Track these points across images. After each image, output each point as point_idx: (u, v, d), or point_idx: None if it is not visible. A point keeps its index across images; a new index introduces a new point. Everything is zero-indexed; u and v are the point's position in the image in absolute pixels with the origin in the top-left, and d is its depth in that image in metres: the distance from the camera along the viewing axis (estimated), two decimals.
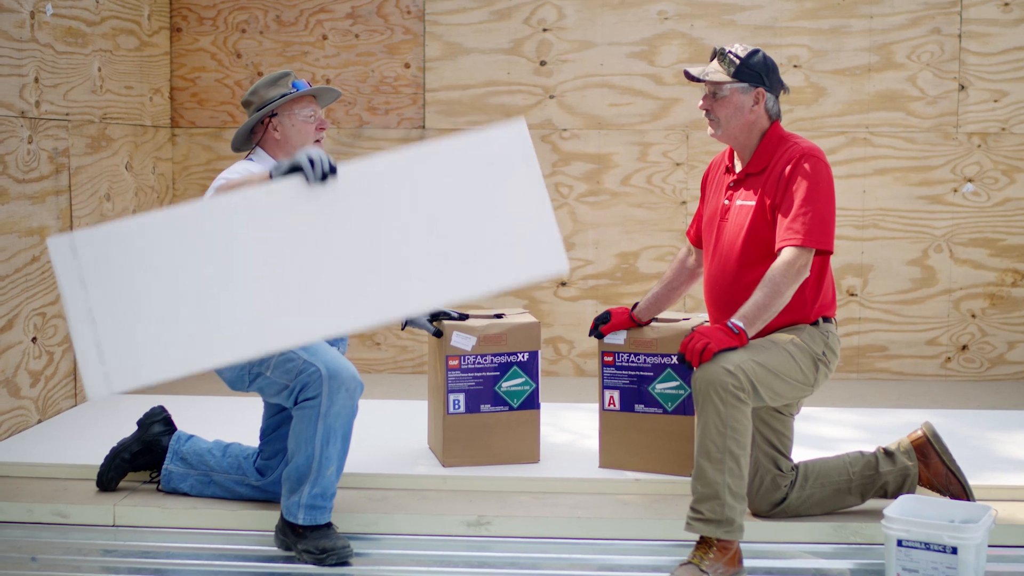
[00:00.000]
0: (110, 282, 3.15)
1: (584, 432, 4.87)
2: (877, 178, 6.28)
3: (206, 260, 3.20)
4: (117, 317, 3.13)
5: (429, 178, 3.33)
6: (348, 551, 3.69)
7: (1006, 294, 6.28)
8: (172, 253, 3.19)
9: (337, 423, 3.70)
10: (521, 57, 6.39)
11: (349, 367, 3.76)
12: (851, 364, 6.33)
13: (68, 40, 5.34)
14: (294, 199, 3.28)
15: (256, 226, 3.24)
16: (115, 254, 3.15)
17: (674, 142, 6.34)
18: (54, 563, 3.70)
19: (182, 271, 3.18)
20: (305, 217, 3.26)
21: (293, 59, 6.45)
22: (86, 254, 3.13)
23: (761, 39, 6.22)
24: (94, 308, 3.12)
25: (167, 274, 3.18)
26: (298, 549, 3.72)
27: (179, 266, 3.18)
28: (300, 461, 3.70)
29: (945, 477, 3.92)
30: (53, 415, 5.19)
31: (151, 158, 6.28)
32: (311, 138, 4.03)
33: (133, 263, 3.17)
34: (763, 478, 3.87)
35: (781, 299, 3.60)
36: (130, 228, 3.21)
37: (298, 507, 3.71)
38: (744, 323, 3.56)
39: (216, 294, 3.18)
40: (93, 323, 3.12)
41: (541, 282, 3.49)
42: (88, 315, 3.12)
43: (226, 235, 3.22)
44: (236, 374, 3.96)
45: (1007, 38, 6.19)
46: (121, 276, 3.16)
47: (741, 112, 3.78)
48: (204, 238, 3.22)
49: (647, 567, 3.65)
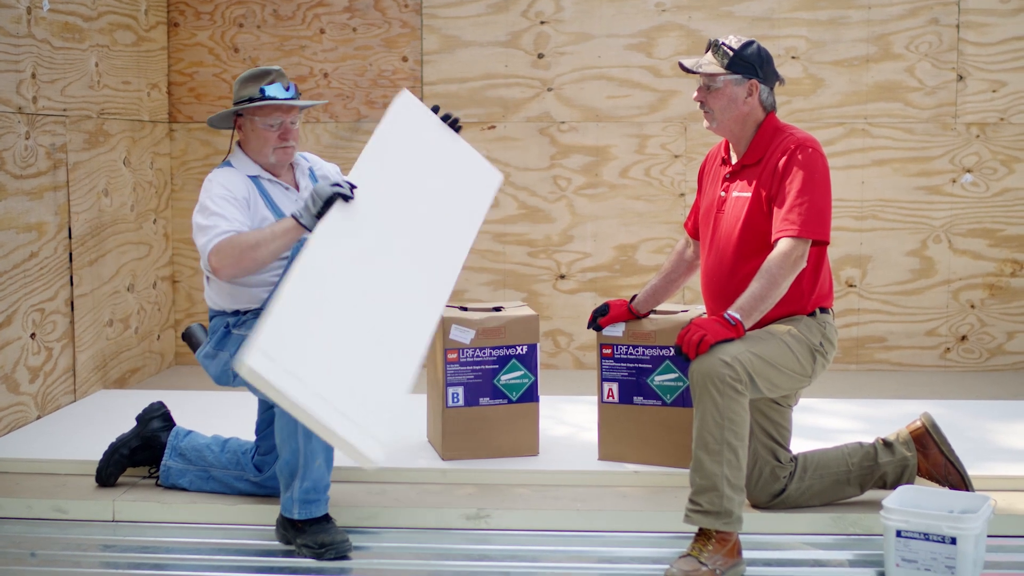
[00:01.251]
0: (314, 359, 3.28)
1: (583, 425, 4.87)
2: (876, 169, 6.27)
3: (350, 300, 3.45)
4: (339, 383, 3.28)
5: (399, 163, 3.78)
6: (347, 545, 3.70)
7: (1005, 284, 6.27)
8: (325, 307, 3.40)
9: None
10: (519, 50, 6.38)
11: None
12: (850, 355, 6.33)
13: (65, 35, 5.34)
14: (347, 221, 3.58)
15: (348, 259, 3.54)
16: (294, 335, 3.28)
17: (672, 134, 6.33)
18: (54, 559, 3.70)
19: (342, 316, 3.41)
20: (365, 232, 3.61)
21: (291, 53, 6.44)
22: (281, 353, 3.23)
23: (759, 30, 6.21)
24: (321, 390, 3.24)
25: (338, 325, 3.39)
26: (297, 543, 3.72)
27: (338, 313, 3.41)
28: (287, 457, 3.70)
29: (944, 467, 3.92)
30: (52, 411, 5.19)
31: (149, 153, 6.27)
32: (270, 145, 3.96)
33: (313, 333, 3.33)
34: (762, 469, 3.88)
35: (778, 290, 3.59)
36: (287, 308, 3.31)
37: (292, 502, 3.71)
38: (741, 314, 3.56)
39: (373, 320, 3.47)
40: (328, 402, 3.24)
41: (491, 203, 4.07)
42: (320, 399, 3.24)
43: (345, 277, 3.48)
44: (221, 370, 3.96)
45: (1005, 28, 6.18)
46: (316, 349, 3.31)
47: (735, 104, 3.78)
48: (336, 282, 3.45)
49: (646, 559, 3.65)
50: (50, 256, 5.18)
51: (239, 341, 3.93)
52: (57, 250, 5.24)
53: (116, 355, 5.85)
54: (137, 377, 6.10)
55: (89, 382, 5.55)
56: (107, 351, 5.75)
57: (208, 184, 3.94)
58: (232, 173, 3.97)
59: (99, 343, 5.65)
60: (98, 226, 5.64)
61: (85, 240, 5.51)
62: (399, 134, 3.86)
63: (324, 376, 3.27)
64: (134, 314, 6.07)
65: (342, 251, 3.54)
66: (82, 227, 5.48)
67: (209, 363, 4.00)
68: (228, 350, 3.91)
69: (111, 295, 5.79)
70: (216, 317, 4.02)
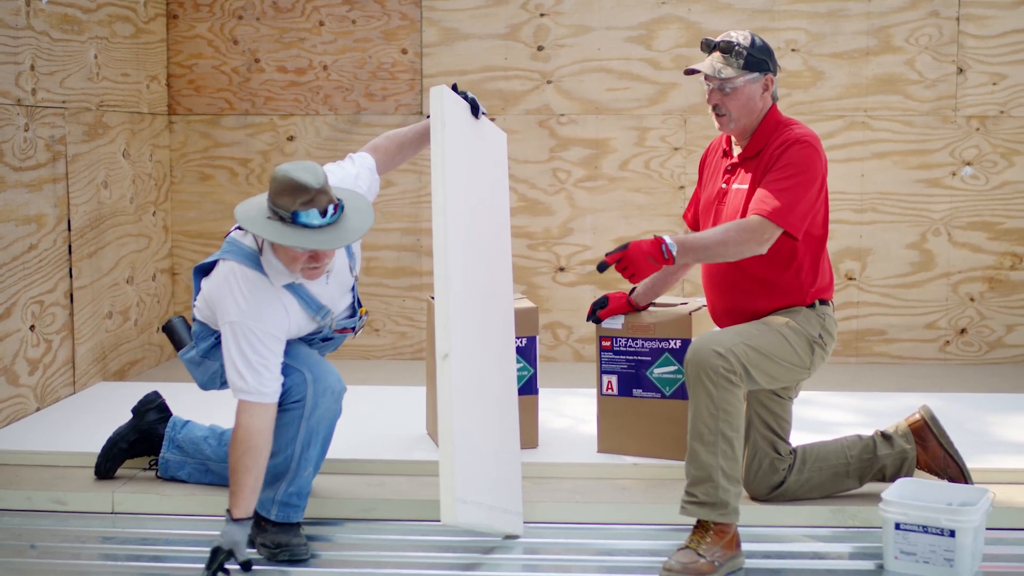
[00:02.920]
0: (482, 478, 3.51)
1: (582, 417, 4.87)
2: (875, 162, 6.27)
3: (479, 393, 3.65)
4: (494, 487, 3.60)
5: (468, 178, 3.80)
6: (304, 550, 3.61)
7: (1004, 277, 6.27)
8: (474, 422, 3.58)
9: (320, 426, 3.67)
10: (518, 42, 6.38)
11: (333, 370, 3.71)
12: (850, 348, 6.33)
13: (64, 27, 5.33)
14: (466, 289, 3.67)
15: (473, 344, 3.70)
16: (472, 468, 3.45)
17: (672, 127, 6.33)
18: (53, 550, 3.70)
19: (478, 414, 3.61)
20: (471, 293, 3.71)
21: (290, 45, 6.43)
22: (476, 494, 3.47)
23: (759, 23, 6.20)
24: (491, 501, 3.56)
25: (479, 427, 3.61)
26: (257, 542, 3.65)
27: (476, 413, 3.60)
28: (279, 460, 3.66)
29: (943, 460, 3.92)
30: (51, 403, 5.19)
31: (148, 145, 6.27)
32: (298, 264, 3.51)
33: (477, 453, 3.52)
34: (761, 462, 3.88)
35: (723, 250, 3.58)
36: (461, 446, 3.42)
37: (272, 503, 3.66)
38: (679, 248, 3.55)
39: (491, 401, 3.77)
40: (495, 508, 3.57)
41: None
42: (494, 510, 3.58)
43: (474, 370, 3.65)
44: (208, 378, 3.89)
45: (1006, 21, 6.17)
46: (481, 467, 3.54)
47: (753, 102, 3.75)
48: (470, 383, 3.59)
49: (645, 551, 3.65)
50: (49, 248, 5.18)
51: None
52: (56, 242, 5.24)
53: (115, 347, 5.85)
54: (136, 369, 6.10)
55: (88, 374, 5.55)
56: (106, 343, 5.75)
57: (247, 314, 3.51)
58: (266, 288, 3.58)
59: (98, 335, 5.65)
60: (97, 218, 5.63)
61: (84, 232, 5.50)
62: (459, 138, 3.73)
63: (490, 489, 3.55)
64: (133, 306, 6.07)
65: (467, 331, 3.58)
66: (81, 219, 5.47)
67: (195, 369, 3.91)
68: (217, 360, 3.84)
69: (110, 287, 5.79)
70: (205, 326, 3.86)
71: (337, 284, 3.81)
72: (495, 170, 4.09)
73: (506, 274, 4.05)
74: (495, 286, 3.92)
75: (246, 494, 3.46)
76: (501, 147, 4.20)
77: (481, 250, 3.81)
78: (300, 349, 3.73)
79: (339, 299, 3.85)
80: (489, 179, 4.02)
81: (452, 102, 3.74)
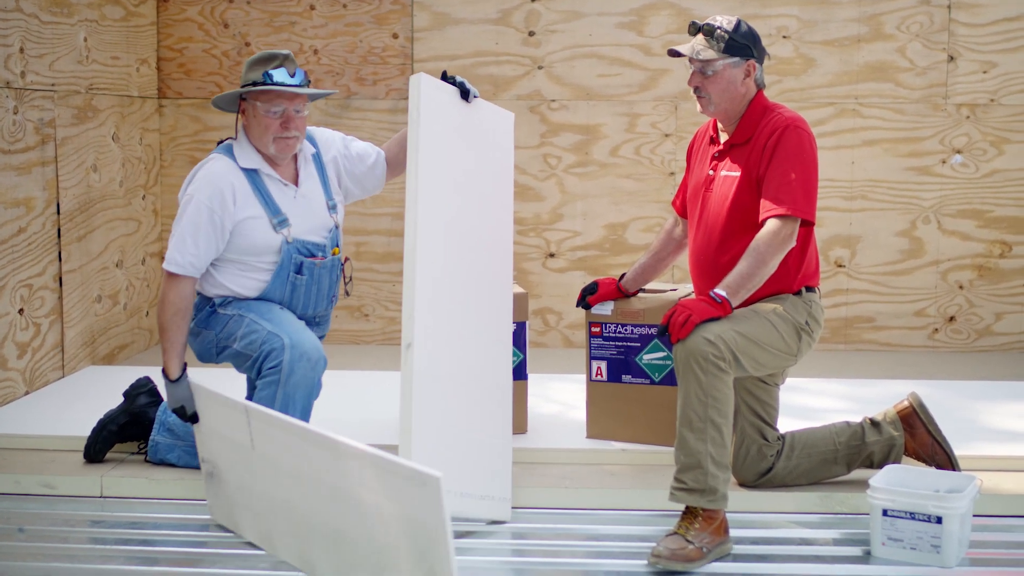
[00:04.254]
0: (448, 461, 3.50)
1: (572, 403, 4.87)
2: (866, 149, 6.27)
3: (455, 372, 3.68)
4: (464, 470, 3.62)
5: (450, 163, 3.82)
6: None
7: (993, 265, 6.29)
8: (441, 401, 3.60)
9: (297, 393, 3.70)
10: (509, 27, 6.36)
11: (313, 339, 3.77)
12: (838, 335, 6.35)
13: (53, 10, 5.31)
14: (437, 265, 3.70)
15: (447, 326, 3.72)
16: (436, 450, 3.51)
17: (663, 113, 6.32)
18: (42, 534, 3.70)
19: (451, 395, 3.64)
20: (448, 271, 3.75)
21: (281, 29, 6.41)
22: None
23: (750, 10, 6.20)
24: (455, 487, 3.55)
25: (450, 407, 3.63)
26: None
27: (448, 394, 3.63)
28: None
29: (931, 447, 3.93)
30: (40, 387, 5.18)
31: (138, 129, 6.25)
32: (270, 134, 3.87)
33: (441, 435, 3.57)
34: (749, 448, 3.89)
35: (766, 269, 3.60)
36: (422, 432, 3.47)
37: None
38: (727, 292, 3.56)
39: (472, 383, 3.79)
40: (456, 494, 3.56)
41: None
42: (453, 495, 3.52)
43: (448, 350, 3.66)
44: (204, 347, 3.96)
45: (997, 8, 6.17)
46: (447, 450, 3.59)
47: (733, 86, 3.76)
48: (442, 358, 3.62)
49: (634, 537, 3.66)
50: (38, 232, 5.16)
51: (225, 321, 3.93)
52: (45, 225, 5.22)
53: (104, 331, 5.84)
54: (125, 353, 6.09)
55: (77, 358, 5.54)
56: (95, 327, 5.74)
57: (196, 186, 3.87)
58: (226, 168, 3.89)
59: (87, 319, 5.64)
60: (87, 202, 5.62)
61: (73, 216, 5.49)
62: (437, 128, 3.74)
63: (459, 477, 3.54)
64: (123, 290, 6.06)
65: (439, 320, 3.60)
66: (70, 203, 5.46)
67: (192, 340, 3.99)
68: (213, 329, 3.91)
69: (100, 271, 5.78)
70: (201, 295, 4.03)
71: (306, 205, 3.97)
72: (493, 152, 4.05)
73: (504, 257, 4.04)
74: (487, 270, 3.91)
75: (178, 350, 3.80)
76: (504, 129, 4.14)
77: (466, 236, 3.80)
78: (284, 315, 3.80)
79: (304, 221, 3.97)
80: (484, 162, 3.98)
81: (432, 89, 3.73)
